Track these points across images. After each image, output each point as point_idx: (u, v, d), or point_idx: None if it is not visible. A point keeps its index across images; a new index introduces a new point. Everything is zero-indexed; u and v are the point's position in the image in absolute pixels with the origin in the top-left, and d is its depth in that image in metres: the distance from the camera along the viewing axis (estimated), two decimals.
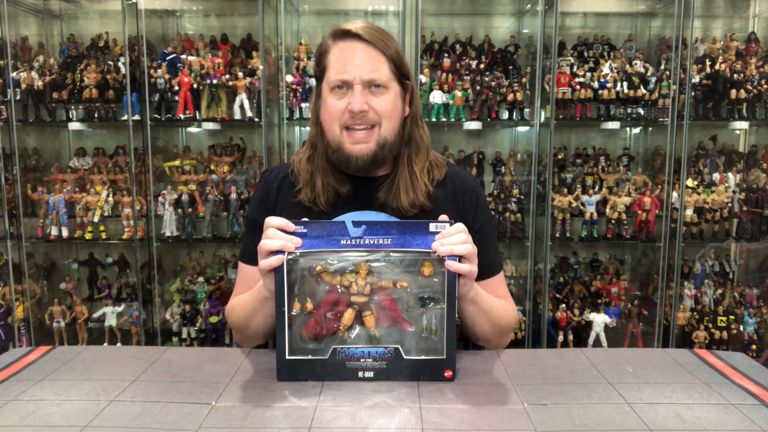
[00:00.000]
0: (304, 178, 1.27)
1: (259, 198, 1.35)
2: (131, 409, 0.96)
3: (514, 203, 2.99)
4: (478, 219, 1.31)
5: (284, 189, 1.31)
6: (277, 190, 1.32)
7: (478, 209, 1.31)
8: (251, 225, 1.32)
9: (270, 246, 1.03)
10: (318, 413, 0.94)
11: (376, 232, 1.06)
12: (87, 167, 3.12)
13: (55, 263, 3.30)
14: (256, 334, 1.26)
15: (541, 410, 0.96)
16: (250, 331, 1.25)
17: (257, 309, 1.18)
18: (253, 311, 1.20)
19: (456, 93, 2.94)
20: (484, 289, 1.19)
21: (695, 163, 3.08)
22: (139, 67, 2.89)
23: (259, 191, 1.35)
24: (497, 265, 1.32)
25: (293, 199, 1.28)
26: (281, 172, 1.34)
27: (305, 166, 1.28)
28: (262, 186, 1.35)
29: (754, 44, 3.03)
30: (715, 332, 2.92)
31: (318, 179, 1.25)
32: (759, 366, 1.16)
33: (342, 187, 1.25)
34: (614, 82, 2.93)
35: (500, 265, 1.33)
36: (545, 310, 2.98)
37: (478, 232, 1.24)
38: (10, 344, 3.03)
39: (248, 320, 1.23)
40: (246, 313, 1.23)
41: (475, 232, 1.20)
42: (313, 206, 1.26)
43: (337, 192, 1.25)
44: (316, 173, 1.26)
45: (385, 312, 1.05)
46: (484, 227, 1.31)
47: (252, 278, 1.27)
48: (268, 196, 1.33)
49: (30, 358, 1.19)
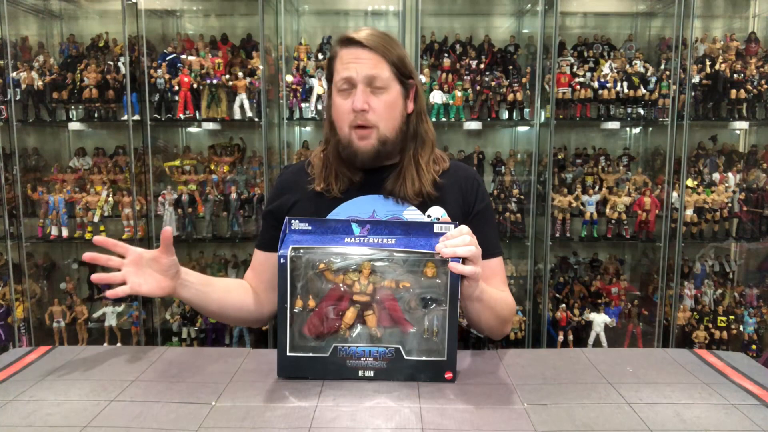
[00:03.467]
0: (318, 168, 1.38)
1: (275, 191, 1.46)
2: (131, 409, 0.96)
3: (514, 203, 2.99)
4: (479, 202, 1.39)
5: (299, 179, 1.41)
6: (294, 182, 1.42)
7: (478, 193, 1.40)
8: (265, 216, 1.44)
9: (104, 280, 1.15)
10: (318, 413, 0.94)
11: (380, 231, 1.07)
12: (87, 167, 3.12)
13: (55, 263, 3.30)
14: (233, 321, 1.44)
15: (541, 410, 0.96)
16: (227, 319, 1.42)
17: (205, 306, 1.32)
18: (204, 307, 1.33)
19: (456, 93, 2.94)
20: (484, 270, 1.19)
21: (695, 163, 3.08)
22: (139, 67, 2.89)
23: (277, 186, 1.46)
24: (497, 247, 1.39)
25: (308, 186, 1.38)
26: (298, 166, 1.46)
27: (320, 159, 1.39)
28: (279, 181, 1.46)
29: (754, 44, 3.03)
30: (715, 332, 2.92)
31: (332, 169, 1.36)
32: (759, 366, 1.16)
33: (354, 176, 1.35)
34: (614, 82, 2.93)
35: (500, 249, 1.40)
36: (545, 310, 2.98)
37: (479, 214, 1.37)
38: (10, 344, 3.02)
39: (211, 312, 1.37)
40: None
41: (477, 214, 1.36)
42: (326, 193, 1.35)
43: (350, 180, 1.36)
44: (329, 165, 1.36)
45: (386, 312, 1.06)
46: (484, 210, 1.40)
47: (260, 264, 1.42)
48: (283, 187, 1.43)
49: (30, 358, 1.19)
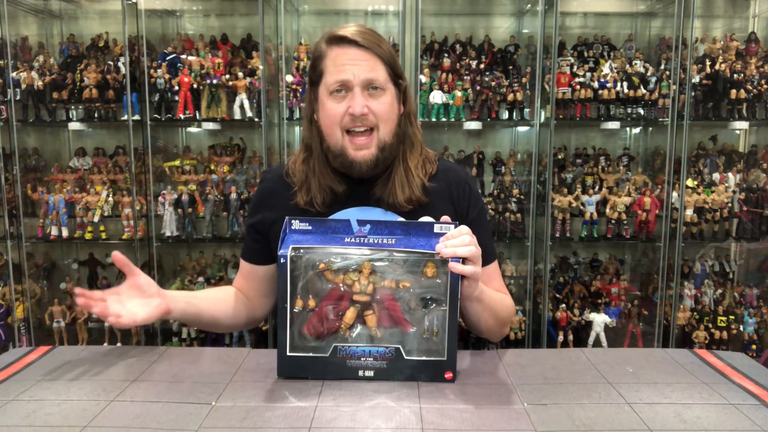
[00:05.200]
0: (299, 180, 1.29)
1: (256, 200, 1.38)
2: (131, 409, 0.96)
3: (514, 203, 2.99)
4: (472, 208, 1.34)
5: (279, 191, 1.32)
6: (273, 193, 1.34)
7: (471, 199, 1.34)
8: (248, 228, 1.36)
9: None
10: (318, 413, 0.94)
11: (381, 231, 1.07)
12: (87, 167, 3.12)
13: (55, 263, 3.29)
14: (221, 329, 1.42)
15: (541, 410, 0.96)
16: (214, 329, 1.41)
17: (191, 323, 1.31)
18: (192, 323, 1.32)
19: (456, 93, 2.93)
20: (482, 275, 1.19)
21: (695, 163, 3.08)
22: (139, 67, 2.89)
23: (257, 195, 1.39)
24: (492, 253, 1.35)
25: (290, 201, 1.29)
26: (276, 173, 1.36)
27: (300, 168, 1.29)
28: (260, 190, 1.39)
29: (754, 44, 3.03)
30: (715, 332, 2.92)
31: (313, 181, 1.26)
32: (759, 366, 1.16)
33: (338, 187, 1.27)
34: (614, 82, 2.93)
35: (495, 254, 1.36)
36: (545, 310, 2.98)
37: (473, 222, 1.27)
38: (10, 344, 3.02)
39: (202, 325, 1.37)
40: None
41: (470, 222, 1.25)
42: (309, 207, 1.27)
43: (334, 192, 1.27)
44: (311, 175, 1.27)
45: (386, 312, 1.05)
46: (478, 217, 1.34)
47: (249, 274, 1.37)
48: (265, 199, 1.36)
49: (30, 358, 1.19)
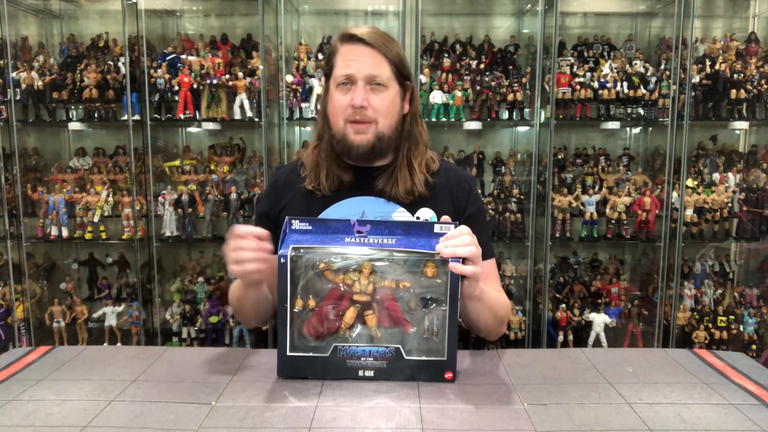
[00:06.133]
0: (309, 165, 1.37)
1: (268, 191, 1.47)
2: (131, 409, 0.96)
3: (514, 203, 2.99)
4: (471, 204, 1.40)
5: (292, 179, 1.41)
6: (285, 182, 1.42)
7: (470, 196, 1.40)
8: (260, 218, 1.43)
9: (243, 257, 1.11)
10: (318, 413, 0.94)
11: (381, 231, 1.07)
12: (87, 167, 3.12)
13: (55, 263, 3.30)
14: (249, 317, 1.37)
15: (541, 410, 0.96)
16: (244, 313, 1.36)
17: (245, 295, 1.27)
18: (243, 296, 1.29)
19: (456, 93, 2.93)
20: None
21: (695, 163, 3.08)
22: (139, 67, 2.89)
23: (269, 185, 1.47)
24: (489, 250, 1.38)
25: (299, 185, 1.38)
26: (291, 167, 1.45)
27: (312, 155, 1.38)
28: (272, 181, 1.47)
29: (754, 44, 3.03)
30: (715, 332, 2.92)
31: (323, 167, 1.35)
32: (759, 366, 1.16)
33: (345, 175, 1.34)
34: (614, 82, 2.93)
35: (492, 251, 1.40)
36: (545, 310, 2.98)
37: (471, 217, 1.37)
38: (10, 344, 3.02)
39: (240, 304, 1.34)
40: (237, 297, 1.33)
41: (469, 216, 1.36)
42: (316, 191, 1.35)
43: (340, 179, 1.35)
44: (321, 161, 1.35)
45: (386, 312, 1.05)
46: (476, 213, 1.40)
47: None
48: (276, 187, 1.43)
49: (30, 358, 1.19)
